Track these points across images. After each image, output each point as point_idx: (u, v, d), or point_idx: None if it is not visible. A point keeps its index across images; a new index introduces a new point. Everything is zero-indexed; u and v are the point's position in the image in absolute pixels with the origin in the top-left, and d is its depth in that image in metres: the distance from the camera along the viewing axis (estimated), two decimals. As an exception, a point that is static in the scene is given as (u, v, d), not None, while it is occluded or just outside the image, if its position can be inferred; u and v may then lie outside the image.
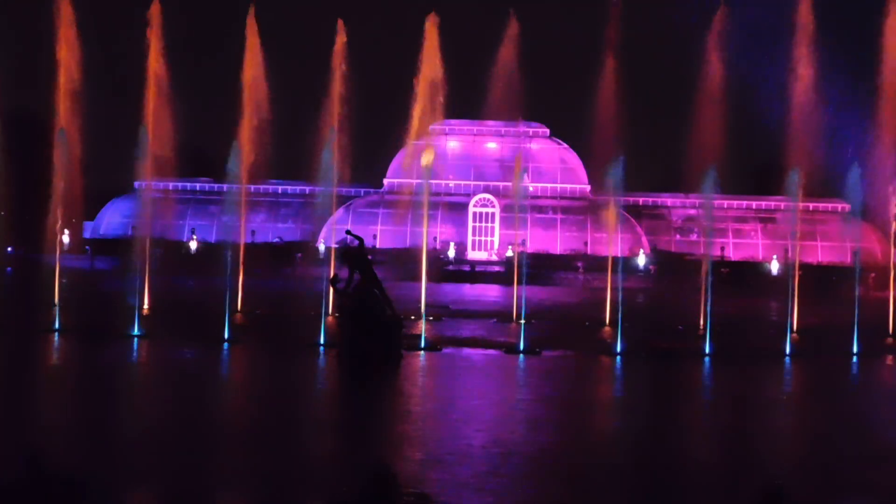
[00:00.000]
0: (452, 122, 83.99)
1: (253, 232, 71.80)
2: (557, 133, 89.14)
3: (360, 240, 31.74)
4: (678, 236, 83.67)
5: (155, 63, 46.67)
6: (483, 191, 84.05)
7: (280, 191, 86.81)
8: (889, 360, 36.65)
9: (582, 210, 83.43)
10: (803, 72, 45.37)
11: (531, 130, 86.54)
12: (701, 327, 39.65)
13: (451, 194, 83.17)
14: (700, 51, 45.78)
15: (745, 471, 18.50)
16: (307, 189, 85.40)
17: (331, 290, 34.11)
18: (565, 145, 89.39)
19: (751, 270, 69.64)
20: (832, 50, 45.20)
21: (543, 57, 47.08)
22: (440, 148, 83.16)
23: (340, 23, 49.15)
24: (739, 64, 45.35)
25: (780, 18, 45.47)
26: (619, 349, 33.83)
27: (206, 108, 49.10)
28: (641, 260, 74.03)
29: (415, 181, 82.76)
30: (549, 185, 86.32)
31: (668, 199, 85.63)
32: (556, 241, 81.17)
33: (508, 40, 54.74)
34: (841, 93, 45.38)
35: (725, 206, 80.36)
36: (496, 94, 62.58)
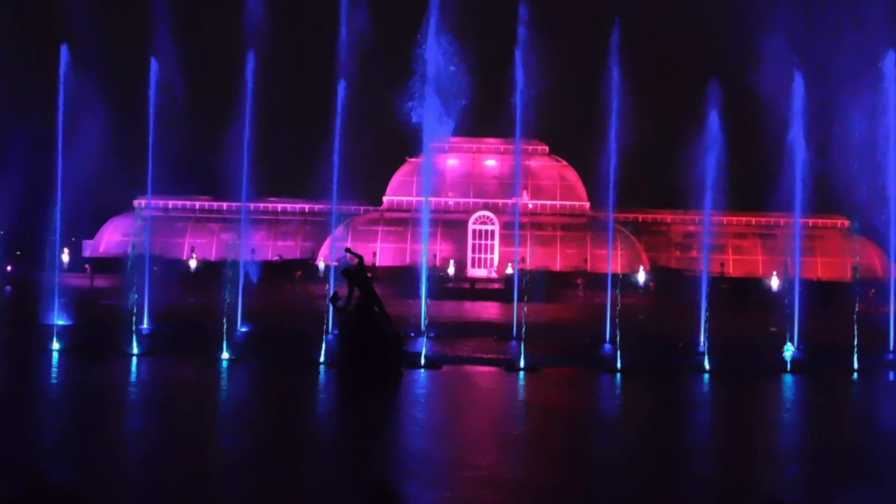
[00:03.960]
0: (452, 139, 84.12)
1: (253, 250, 71.83)
2: (557, 150, 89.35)
3: (360, 257, 31.73)
4: (678, 252, 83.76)
5: (155, 81, 46.73)
6: (482, 208, 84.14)
7: (280, 208, 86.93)
8: (890, 376, 36.58)
9: (581, 227, 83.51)
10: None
11: (530, 148, 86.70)
12: (701, 344, 39.64)
13: (450, 212, 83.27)
14: (701, 66, 45.80)
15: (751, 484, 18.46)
16: (307, 207, 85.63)
17: (330, 307, 34.09)
18: (564, 162, 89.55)
19: (751, 286, 69.64)
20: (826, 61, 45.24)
21: (543, 74, 47.07)
22: (440, 165, 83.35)
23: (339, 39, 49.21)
24: (743, 78, 45.31)
25: (773, 36, 45.47)
26: (619, 366, 33.78)
27: (205, 125, 49.15)
28: (641, 276, 74.07)
29: (414, 199, 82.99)
30: (548, 202, 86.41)
31: (667, 216, 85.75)
32: (556, 258, 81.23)
33: (508, 57, 54.79)
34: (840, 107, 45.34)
35: (725, 221, 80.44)
36: (496, 112, 62.65)
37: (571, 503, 17.40)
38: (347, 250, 33.29)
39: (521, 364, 33.53)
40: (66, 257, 64.68)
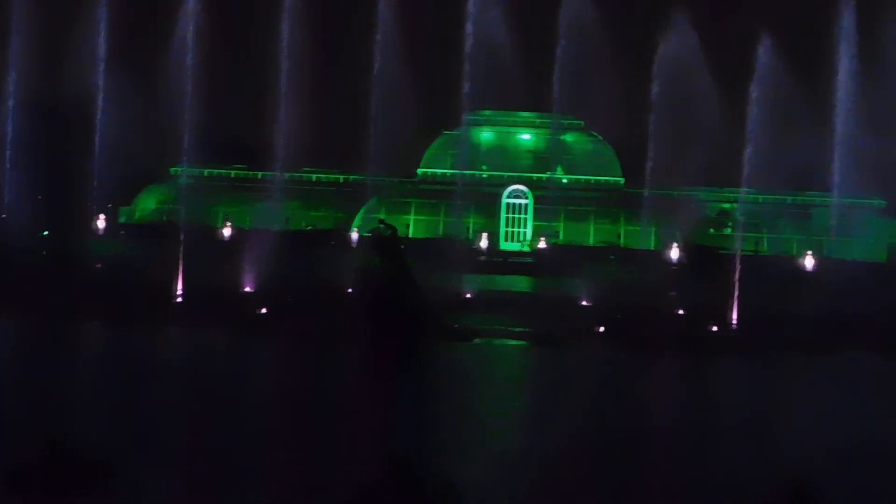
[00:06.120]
0: (487, 112, 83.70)
1: (287, 219, 71.90)
2: (592, 126, 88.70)
3: (394, 229, 31.77)
4: (712, 230, 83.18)
5: (193, 51, 46.89)
6: (516, 182, 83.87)
7: (314, 179, 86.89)
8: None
9: (615, 202, 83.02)
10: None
11: (566, 122, 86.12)
12: (734, 321, 39.51)
13: (484, 185, 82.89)
14: (736, 47, 45.49)
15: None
16: (341, 178, 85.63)
17: (362, 279, 34.16)
18: (600, 137, 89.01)
19: (784, 265, 69.00)
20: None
21: (579, 48, 46.89)
22: (474, 138, 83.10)
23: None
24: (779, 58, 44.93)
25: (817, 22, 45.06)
26: (648, 342, 33.70)
27: (242, 96, 49.27)
28: (674, 253, 73.64)
29: (449, 171, 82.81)
30: (582, 178, 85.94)
31: (702, 193, 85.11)
32: (589, 234, 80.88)
33: (545, 31, 54.63)
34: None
35: (761, 200, 79.78)
36: (531, 85, 62.43)
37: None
38: (381, 221, 33.30)
39: (550, 338, 33.53)
40: (101, 223, 65.03)
